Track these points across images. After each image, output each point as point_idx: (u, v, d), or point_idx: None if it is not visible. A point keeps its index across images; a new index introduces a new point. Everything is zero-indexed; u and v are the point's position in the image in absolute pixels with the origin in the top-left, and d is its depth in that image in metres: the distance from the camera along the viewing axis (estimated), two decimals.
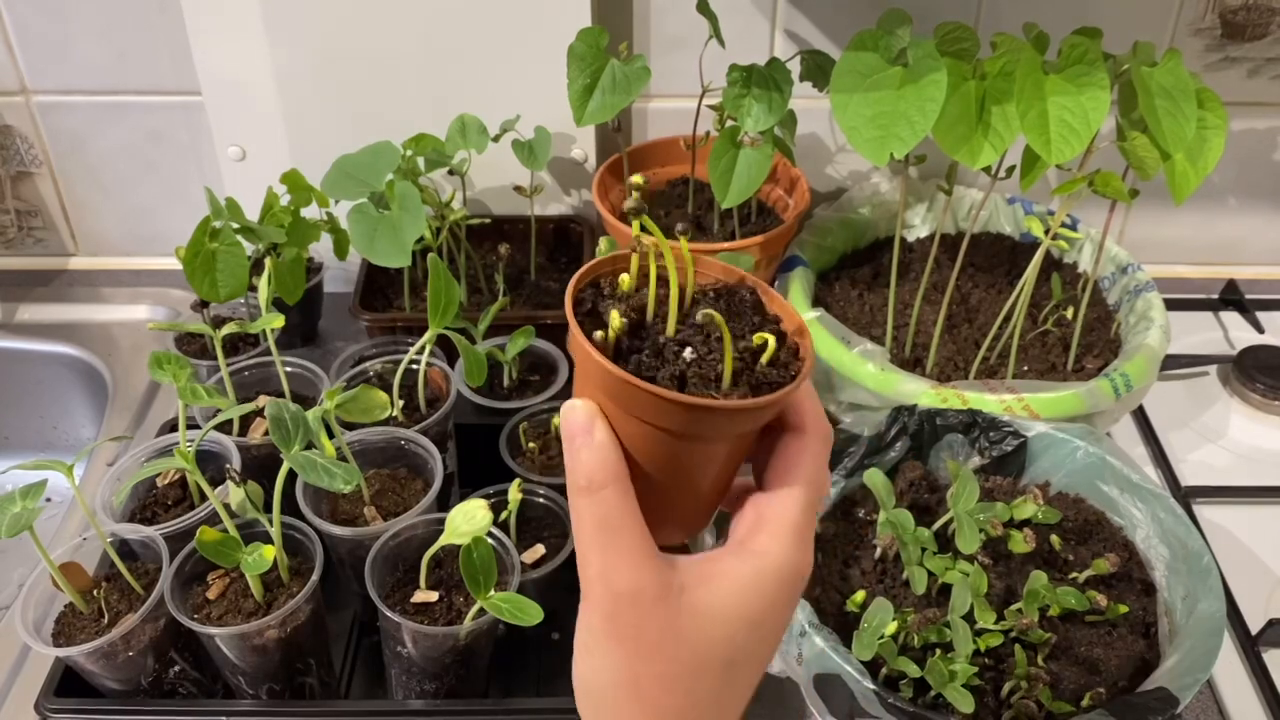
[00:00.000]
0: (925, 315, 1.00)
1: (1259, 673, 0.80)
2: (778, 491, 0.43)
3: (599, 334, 0.41)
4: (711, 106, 0.97)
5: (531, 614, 0.67)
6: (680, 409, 0.39)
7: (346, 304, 1.04)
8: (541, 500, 0.82)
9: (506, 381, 0.94)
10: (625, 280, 0.44)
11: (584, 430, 0.41)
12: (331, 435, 0.75)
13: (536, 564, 0.77)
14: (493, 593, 0.68)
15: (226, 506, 0.72)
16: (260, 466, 0.82)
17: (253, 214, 0.95)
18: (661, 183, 1.10)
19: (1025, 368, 0.96)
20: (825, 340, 0.94)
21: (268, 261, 0.91)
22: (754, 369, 0.42)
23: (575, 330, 0.41)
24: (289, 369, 0.89)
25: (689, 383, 0.41)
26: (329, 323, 1.13)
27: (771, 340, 0.42)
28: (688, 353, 0.41)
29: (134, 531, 0.75)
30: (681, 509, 0.44)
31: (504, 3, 0.99)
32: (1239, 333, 1.13)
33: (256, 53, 1.02)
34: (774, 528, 0.42)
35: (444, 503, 0.83)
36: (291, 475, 0.70)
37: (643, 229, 0.44)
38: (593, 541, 0.40)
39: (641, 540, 0.40)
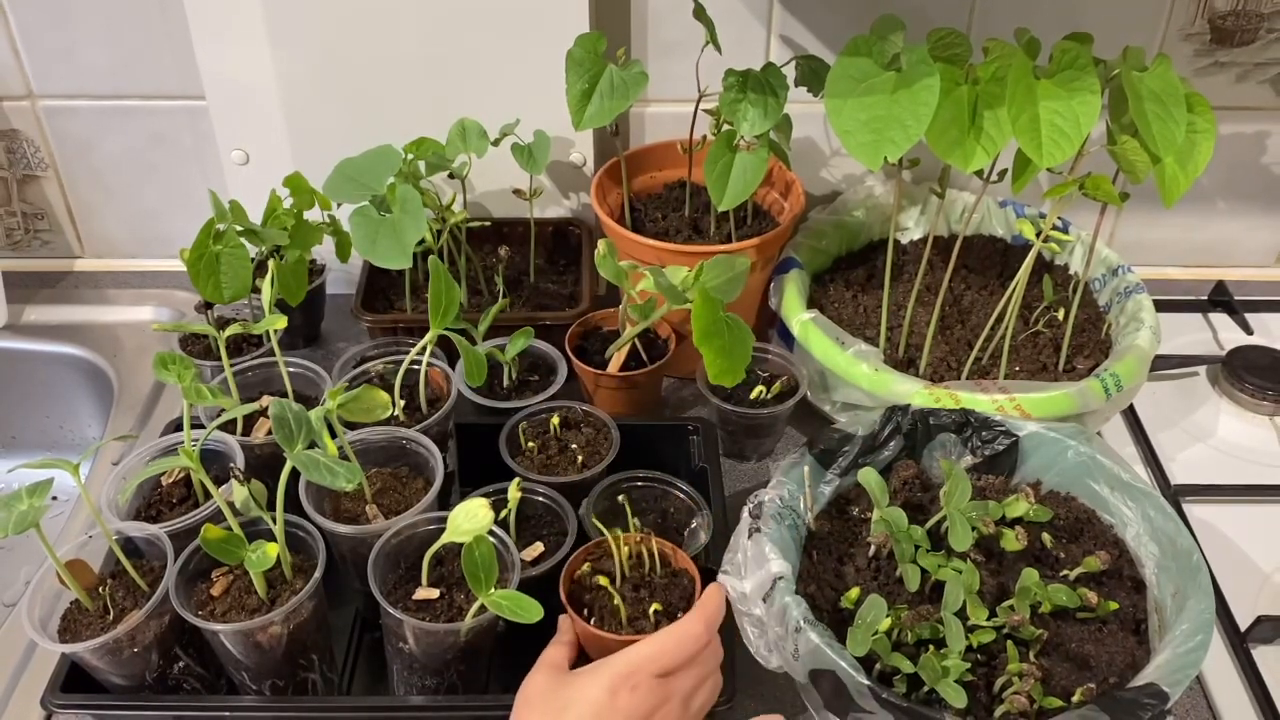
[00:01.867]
0: (918, 316, 1.00)
1: (1248, 669, 0.81)
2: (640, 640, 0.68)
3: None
4: (708, 111, 0.98)
5: (531, 611, 0.68)
6: (589, 635, 0.73)
7: (348, 305, 1.05)
8: (540, 499, 0.82)
9: (506, 382, 0.95)
10: (583, 568, 0.77)
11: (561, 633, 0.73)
12: (334, 434, 0.75)
13: (535, 561, 0.78)
14: (493, 590, 0.69)
15: (230, 505, 0.73)
16: (263, 465, 0.82)
17: (256, 217, 0.96)
18: (659, 186, 1.11)
19: (1017, 368, 0.97)
20: (820, 341, 0.95)
21: (270, 263, 0.92)
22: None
23: (564, 596, 0.74)
24: (292, 369, 0.89)
25: (609, 619, 0.74)
26: (331, 324, 1.14)
27: (658, 605, 0.73)
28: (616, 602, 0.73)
29: (139, 529, 0.76)
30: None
31: (504, 8, 1.00)
32: (1228, 333, 1.14)
33: (259, 57, 1.03)
34: (619, 654, 0.67)
35: (444, 501, 0.84)
36: (294, 474, 0.71)
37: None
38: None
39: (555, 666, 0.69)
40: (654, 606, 0.72)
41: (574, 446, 0.87)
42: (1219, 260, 1.23)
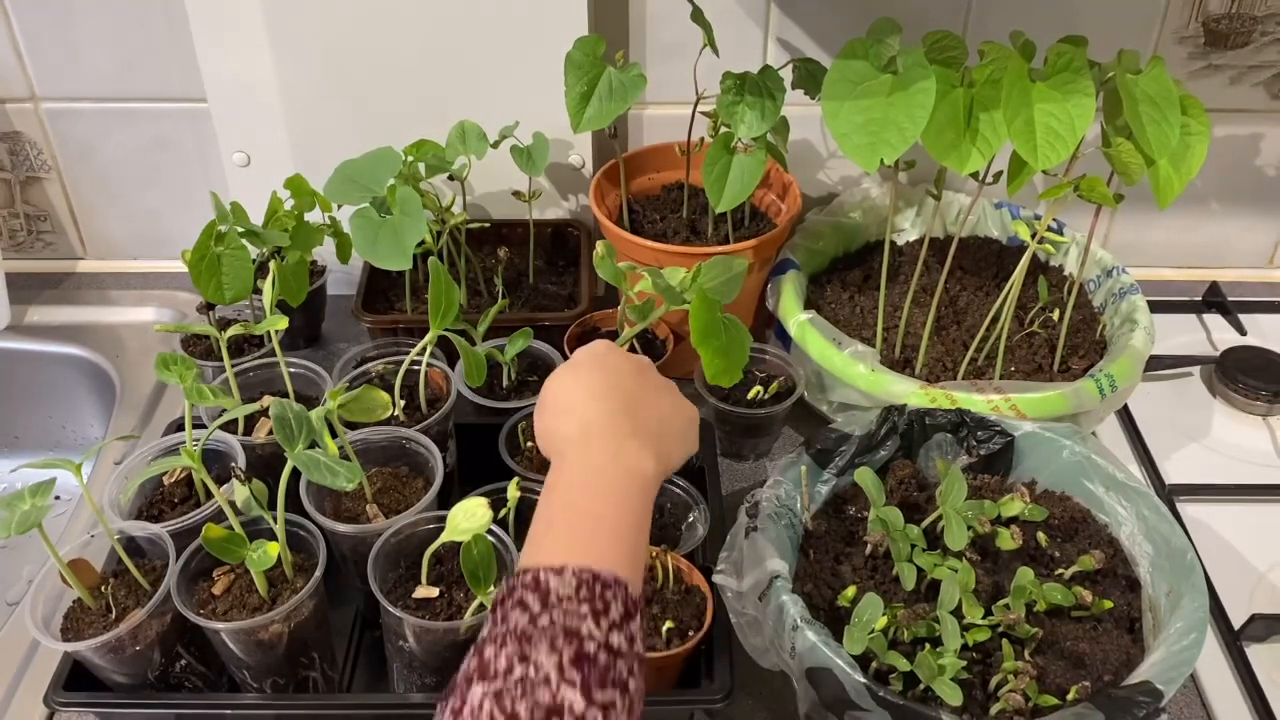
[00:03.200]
0: (915, 317, 1.01)
1: (1241, 667, 0.82)
2: None
3: None
4: (706, 113, 0.99)
5: None
6: None
7: (349, 306, 1.05)
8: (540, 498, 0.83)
9: (505, 382, 0.96)
10: None
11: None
12: (334, 434, 0.76)
13: None
14: (492, 588, 0.70)
15: (232, 504, 0.73)
16: (264, 465, 0.83)
17: (257, 218, 0.97)
18: (657, 188, 1.12)
19: (1012, 368, 0.97)
20: (817, 342, 0.95)
21: (272, 265, 0.92)
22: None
23: None
24: (293, 370, 0.90)
25: None
26: (332, 324, 1.15)
27: (670, 623, 0.74)
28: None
29: (141, 529, 0.76)
30: None
31: (503, 11, 1.01)
32: (1221, 334, 1.14)
33: (261, 61, 1.03)
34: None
35: (444, 501, 0.84)
36: (295, 473, 0.71)
37: None
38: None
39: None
40: (667, 624, 0.72)
41: None
42: (1213, 261, 1.24)
